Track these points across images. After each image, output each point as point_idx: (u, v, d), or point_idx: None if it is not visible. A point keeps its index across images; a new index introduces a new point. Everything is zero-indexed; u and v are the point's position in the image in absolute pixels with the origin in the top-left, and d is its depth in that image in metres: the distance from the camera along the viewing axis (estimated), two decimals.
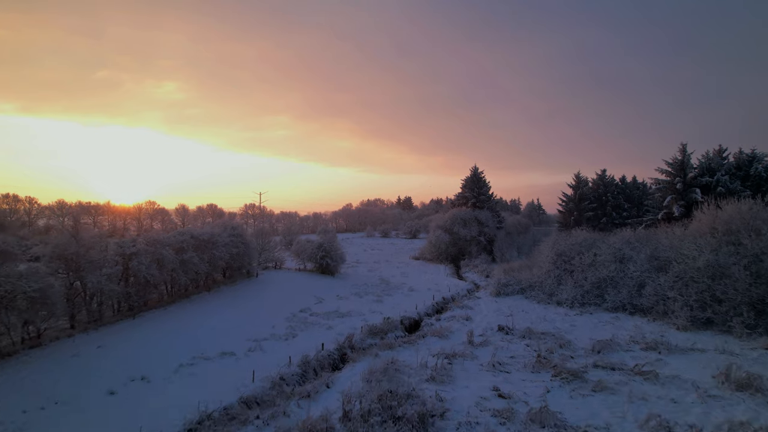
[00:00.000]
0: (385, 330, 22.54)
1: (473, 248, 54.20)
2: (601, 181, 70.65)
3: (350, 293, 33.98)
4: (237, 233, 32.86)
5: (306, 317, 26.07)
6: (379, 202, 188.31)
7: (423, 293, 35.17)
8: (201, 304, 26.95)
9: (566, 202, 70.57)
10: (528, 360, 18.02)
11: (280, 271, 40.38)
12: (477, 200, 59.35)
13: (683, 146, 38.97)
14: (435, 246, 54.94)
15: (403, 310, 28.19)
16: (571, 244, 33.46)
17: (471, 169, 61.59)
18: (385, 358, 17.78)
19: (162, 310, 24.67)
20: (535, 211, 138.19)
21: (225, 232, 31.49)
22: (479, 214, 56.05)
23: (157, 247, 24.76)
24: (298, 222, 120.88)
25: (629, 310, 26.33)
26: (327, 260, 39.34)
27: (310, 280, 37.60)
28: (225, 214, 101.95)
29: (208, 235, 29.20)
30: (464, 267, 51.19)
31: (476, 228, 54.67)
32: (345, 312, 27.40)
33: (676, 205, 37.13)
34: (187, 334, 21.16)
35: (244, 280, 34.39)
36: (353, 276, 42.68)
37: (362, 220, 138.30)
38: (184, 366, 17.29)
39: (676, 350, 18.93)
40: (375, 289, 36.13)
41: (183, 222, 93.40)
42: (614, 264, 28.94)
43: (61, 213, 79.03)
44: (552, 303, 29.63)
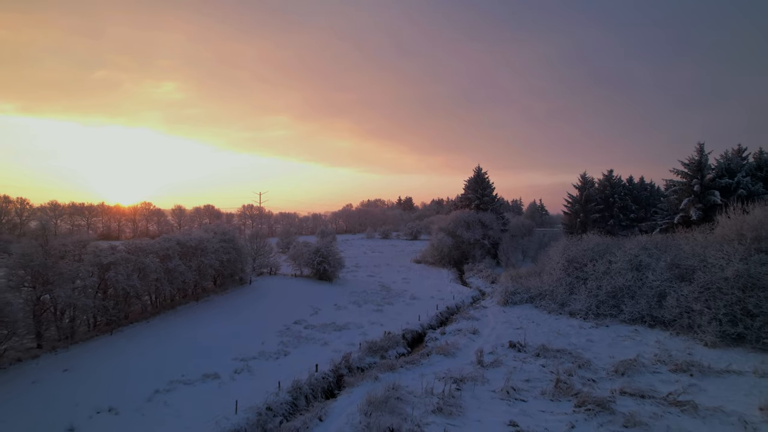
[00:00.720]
0: (385, 347, 20.64)
1: (477, 252, 52.27)
2: (608, 182, 68.70)
3: (348, 302, 32.07)
4: (228, 238, 30.97)
5: (300, 331, 24.15)
6: (380, 203, 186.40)
7: (426, 302, 33.26)
8: (188, 316, 25.04)
9: (572, 204, 68.63)
10: (546, 385, 16.11)
11: (276, 277, 38.47)
12: (480, 202, 57.42)
13: (700, 146, 37.03)
14: (437, 249, 53.04)
15: (405, 322, 26.28)
16: (582, 250, 31.56)
17: (474, 170, 59.70)
18: (386, 383, 15.88)
19: (144, 324, 22.76)
20: (537, 212, 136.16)
21: (215, 238, 29.59)
22: (483, 216, 54.13)
23: (139, 255, 22.86)
24: (297, 223, 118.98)
25: (648, 322, 24.41)
26: (324, 266, 37.44)
27: (306, 287, 35.69)
28: (222, 215, 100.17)
29: (196, 241, 27.29)
30: (468, 271, 49.26)
31: (480, 231, 52.74)
32: (342, 324, 25.48)
33: (694, 208, 35.20)
34: (168, 352, 19.26)
35: (236, 287, 32.49)
36: (352, 282, 40.77)
37: (362, 221, 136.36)
38: (160, 392, 15.39)
39: (710, 372, 17.01)
40: (375, 296, 34.21)
41: (179, 223, 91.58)
42: (631, 272, 27.02)
43: (54, 214, 77.19)
44: (564, 314, 27.71)
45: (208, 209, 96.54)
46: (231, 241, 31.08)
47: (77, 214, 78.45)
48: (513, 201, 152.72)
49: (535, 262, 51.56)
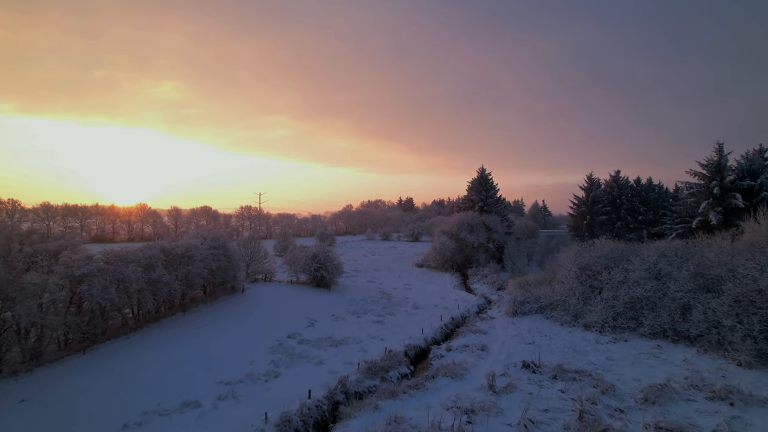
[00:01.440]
0: (386, 367, 18.73)
1: (481, 256, 50.36)
2: (615, 183, 66.80)
3: (347, 311, 30.18)
4: (218, 245, 29.07)
5: (293, 346, 22.25)
6: (380, 203, 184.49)
7: (429, 311, 31.37)
8: (172, 330, 23.14)
9: (578, 206, 66.73)
10: (568, 416, 14.18)
11: (271, 284, 36.57)
12: (484, 204, 55.50)
13: (719, 146, 35.08)
14: (440, 253, 51.14)
15: (408, 336, 24.38)
16: (595, 257, 29.65)
17: (478, 171, 57.79)
18: (387, 414, 14.01)
19: (123, 341, 20.87)
20: (540, 213, 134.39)
21: (204, 245, 27.69)
22: (487, 218, 52.21)
23: (118, 265, 20.97)
24: (296, 224, 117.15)
25: (671, 336, 22.48)
26: (322, 272, 35.54)
27: (302, 295, 33.79)
28: (220, 217, 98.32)
29: (182, 248, 25.39)
30: (472, 276, 47.36)
31: (484, 234, 50.82)
32: (340, 339, 23.57)
33: (713, 212, 33.28)
34: (144, 375, 17.38)
35: (227, 296, 30.60)
36: (351, 288, 38.87)
37: (362, 222, 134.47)
38: (129, 428, 13.50)
39: (752, 401, 15.07)
40: (375, 305, 32.31)
41: (176, 225, 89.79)
42: (650, 282, 25.09)
43: (47, 216, 75.35)
44: (578, 326, 25.80)
45: (205, 210, 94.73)
46: (221, 248, 29.19)
47: (70, 215, 76.60)
48: (515, 202, 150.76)
49: (542, 266, 49.68)
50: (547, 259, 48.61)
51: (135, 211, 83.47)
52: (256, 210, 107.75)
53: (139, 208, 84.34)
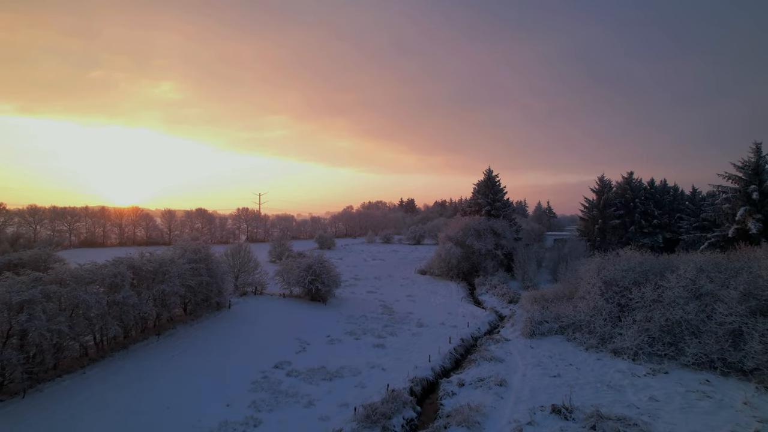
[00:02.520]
0: (388, 412, 15.57)
1: (488, 263, 47.17)
2: (628, 185, 63.59)
3: (344, 331, 27.03)
4: (200, 257, 25.93)
5: (280, 380, 19.12)
6: (381, 205, 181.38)
7: (435, 330, 28.24)
8: (140, 361, 20.02)
9: (589, 209, 63.52)
10: None
11: (262, 297, 33.43)
12: (492, 208, 52.31)
13: (757, 146, 31.88)
14: (444, 260, 47.98)
15: (413, 366, 21.25)
16: (621, 270, 26.48)
17: (484, 172, 54.58)
18: None
19: (78, 377, 17.75)
20: (545, 215, 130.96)
21: (182, 259, 24.53)
22: (495, 223, 49.02)
23: (74, 287, 17.86)
24: (294, 227, 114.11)
25: (721, 368, 19.31)
26: (317, 285, 32.40)
27: (295, 311, 30.66)
28: (216, 219, 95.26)
29: (155, 264, 22.24)
30: (479, 286, 44.18)
31: (492, 240, 47.65)
32: (334, 370, 20.41)
33: (752, 219, 30.09)
34: (90, 428, 14.24)
35: (211, 314, 27.47)
36: (350, 302, 35.70)
37: (363, 225, 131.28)
38: None
39: None
40: (375, 323, 29.16)
41: (170, 228, 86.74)
42: (691, 302, 21.90)
43: (34, 219, 72.31)
44: (605, 351, 22.63)
45: (201, 213, 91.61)
46: (203, 261, 26.05)
47: (58, 219, 73.53)
48: (518, 203, 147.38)
49: (555, 276, 46.47)
50: (561, 268, 45.39)
51: (127, 214, 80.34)
52: (253, 212, 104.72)
53: (132, 211, 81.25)
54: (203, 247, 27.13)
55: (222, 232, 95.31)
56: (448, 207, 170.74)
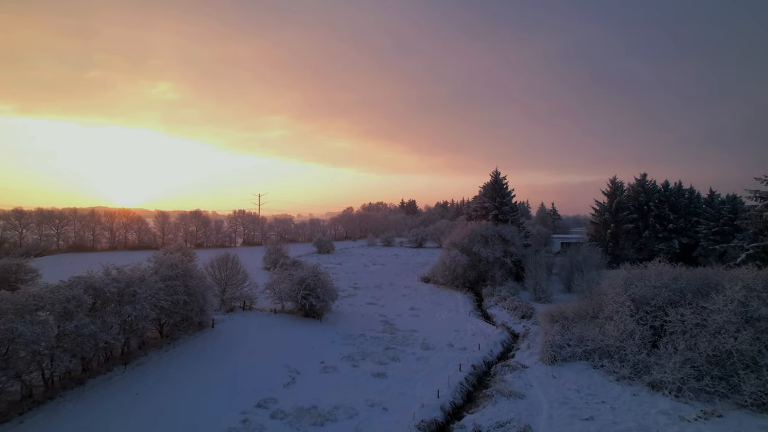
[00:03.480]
0: None
1: (497, 272, 44.11)
2: (642, 188, 60.55)
3: (340, 356, 23.97)
4: (177, 273, 22.88)
5: (263, 426, 16.07)
6: (382, 206, 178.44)
7: (443, 354, 25.20)
8: (97, 401, 17.00)
9: (600, 213, 60.46)
10: None
11: (251, 313, 30.44)
12: (499, 212, 49.24)
13: None
14: (449, 269, 44.93)
15: (419, 402, 18.21)
16: (653, 287, 23.44)
17: (491, 174, 51.50)
18: None
19: (12, 428, 14.69)
20: (549, 217, 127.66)
21: (154, 277, 21.46)
22: (503, 229, 45.96)
23: (10, 318, 14.82)
24: (292, 229, 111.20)
25: None
26: (311, 300, 29.38)
27: (286, 329, 27.65)
28: (211, 222, 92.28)
29: (121, 284, 19.21)
30: (488, 297, 41.10)
31: (500, 247, 44.59)
32: (327, 411, 17.34)
33: None
34: None
35: (192, 335, 24.47)
36: (348, 317, 32.66)
37: (363, 227, 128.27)
38: None
39: None
40: (376, 345, 26.12)
41: (162, 231, 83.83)
42: (743, 329, 18.84)
43: (20, 223, 69.35)
44: (641, 384, 19.58)
45: (195, 215, 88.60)
46: (181, 277, 23.01)
47: (45, 222, 70.57)
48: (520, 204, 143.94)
49: (568, 285, 43.40)
50: (575, 278, 42.38)
51: (118, 217, 77.36)
52: (250, 214, 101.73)
53: (122, 213, 78.29)
54: (182, 261, 24.04)
55: (218, 235, 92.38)
56: (450, 208, 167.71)
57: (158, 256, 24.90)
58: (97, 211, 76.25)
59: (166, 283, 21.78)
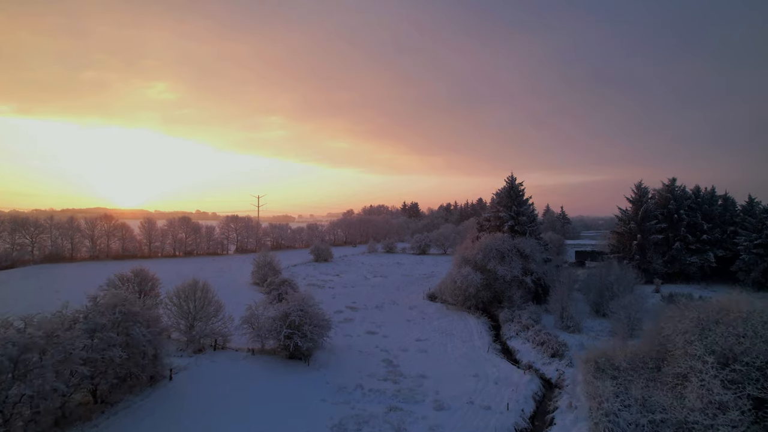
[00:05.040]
0: None
1: (515, 293, 38.52)
2: (670, 194, 54.79)
3: (330, 426, 18.37)
4: (114, 320, 17.30)
5: None
6: (383, 209, 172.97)
7: (461, 416, 19.66)
8: None
9: (625, 221, 54.75)
10: None
11: (223, 354, 24.90)
12: (516, 222, 43.62)
13: None
14: (461, 288, 39.35)
15: None
16: (736, 336, 17.82)
17: (507, 180, 45.88)
18: None
19: None
20: (558, 222, 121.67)
21: (78, 327, 15.80)
22: (521, 243, 40.37)
23: None
24: (289, 235, 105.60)
25: None
26: (296, 340, 23.82)
27: (264, 380, 22.10)
28: (202, 228, 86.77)
29: (10, 354, 13.49)
30: (506, 323, 35.49)
31: (519, 264, 39.01)
32: None
33: None
34: None
35: (139, 395, 18.98)
36: (341, 356, 27.06)
37: (364, 232, 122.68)
38: None
39: None
40: (376, 404, 20.53)
41: (149, 239, 78.40)
42: None
43: None
44: None
45: (185, 221, 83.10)
46: (122, 324, 17.44)
47: (19, 230, 65.14)
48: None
49: (597, 308, 37.72)
50: (606, 300, 36.79)
51: (99, 224, 71.94)
52: (244, 220, 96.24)
53: (104, 220, 72.86)
54: (122, 301, 18.37)
55: (209, 243, 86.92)
56: (454, 211, 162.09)
57: (97, 294, 19.22)
58: (75, 219, 70.75)
59: (94, 336, 16.21)
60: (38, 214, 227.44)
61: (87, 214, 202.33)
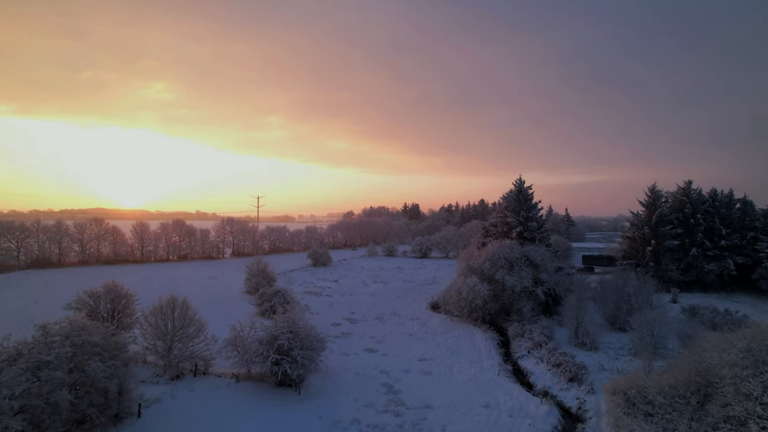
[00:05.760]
0: None
1: (525, 305, 35.87)
2: (686, 197, 52.05)
3: None
4: (62, 355, 14.66)
5: None
6: (383, 210, 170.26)
7: None
8: None
9: (637, 226, 52.05)
10: None
11: (203, 381, 22.24)
12: (524, 228, 40.93)
13: None
14: (466, 300, 36.65)
15: None
16: None
17: (515, 183, 43.19)
18: None
19: None
20: (563, 224, 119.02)
21: (19, 364, 13.13)
22: (531, 251, 37.68)
23: None
24: (287, 238, 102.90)
25: None
26: (285, 366, 21.14)
27: (248, 415, 19.43)
28: (197, 232, 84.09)
29: None
30: (515, 339, 32.83)
31: (529, 273, 36.33)
32: None
33: None
34: None
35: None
36: (337, 381, 24.40)
37: (363, 234, 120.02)
38: None
39: None
40: None
41: (141, 243, 75.80)
42: None
43: None
44: None
45: (178, 225, 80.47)
46: (73, 359, 14.80)
47: (4, 234, 62.54)
48: None
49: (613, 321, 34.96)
50: (622, 312, 34.16)
51: (89, 227, 69.34)
52: (240, 222, 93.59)
53: (95, 223, 70.26)
54: (76, 332, 15.72)
55: (204, 246, 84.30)
56: (455, 212, 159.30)
57: (47, 323, 16.49)
58: (63, 222, 68.15)
59: (35, 375, 13.59)
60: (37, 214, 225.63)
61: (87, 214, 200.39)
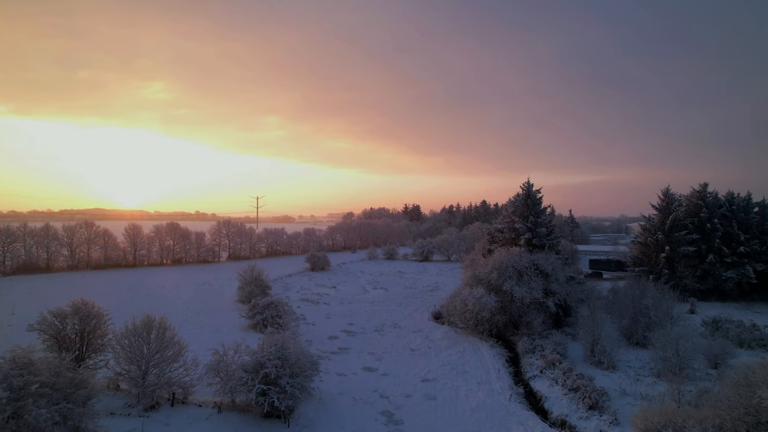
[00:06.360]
0: None
1: (535, 318, 33.50)
2: (702, 201, 49.59)
3: None
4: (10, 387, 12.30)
5: None
6: (383, 212, 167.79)
7: None
8: None
9: (650, 231, 49.60)
10: None
11: (180, 412, 19.86)
12: (533, 235, 38.53)
13: None
14: (472, 312, 34.29)
15: None
16: None
17: (522, 187, 40.79)
18: None
19: None
20: (567, 226, 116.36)
21: None
22: (540, 259, 35.28)
23: None
24: (285, 240, 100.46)
25: None
26: (272, 396, 18.74)
27: None
28: (191, 235, 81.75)
29: None
30: (526, 355, 30.44)
31: (539, 283, 33.94)
32: None
33: None
34: None
35: None
36: (330, 409, 22.01)
37: (363, 236, 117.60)
38: None
39: None
40: None
41: (134, 247, 73.48)
42: None
43: None
44: None
45: (172, 228, 78.12)
46: (10, 405, 12.43)
47: None
48: None
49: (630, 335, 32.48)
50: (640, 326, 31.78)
51: (78, 231, 67.01)
52: (237, 224, 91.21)
53: (85, 227, 67.93)
54: (17, 371, 13.32)
55: (199, 250, 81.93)
56: (457, 214, 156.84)
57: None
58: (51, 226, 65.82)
59: None
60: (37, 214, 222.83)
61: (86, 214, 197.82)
